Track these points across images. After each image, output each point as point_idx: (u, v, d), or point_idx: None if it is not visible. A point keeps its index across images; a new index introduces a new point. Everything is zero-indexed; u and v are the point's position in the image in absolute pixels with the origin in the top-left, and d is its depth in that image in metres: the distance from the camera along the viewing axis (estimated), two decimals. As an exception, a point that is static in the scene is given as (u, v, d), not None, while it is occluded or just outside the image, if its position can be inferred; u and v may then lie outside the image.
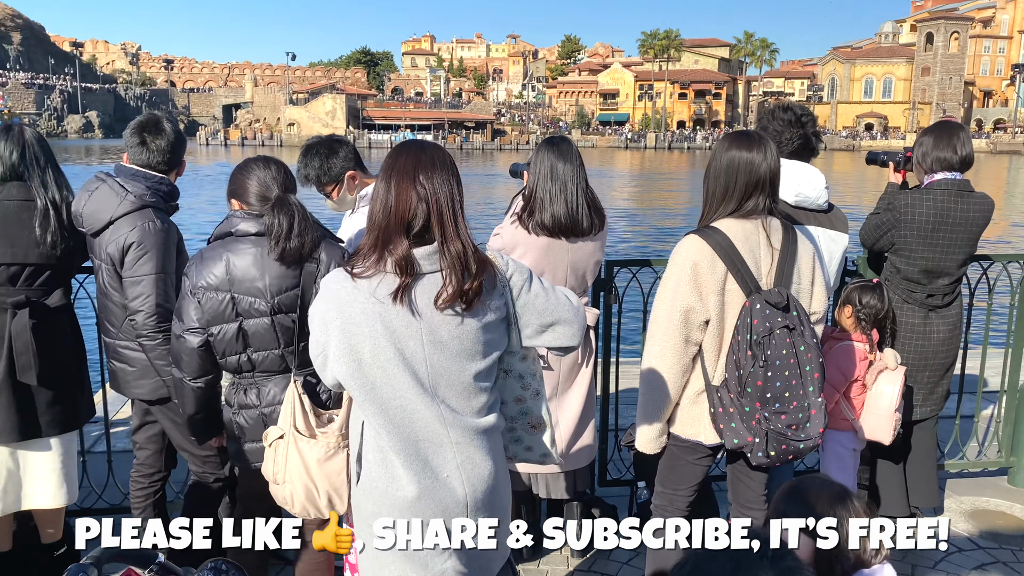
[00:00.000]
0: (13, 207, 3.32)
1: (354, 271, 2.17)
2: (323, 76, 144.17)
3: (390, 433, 2.18)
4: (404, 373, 2.15)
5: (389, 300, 2.13)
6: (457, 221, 2.17)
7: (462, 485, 2.21)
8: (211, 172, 43.64)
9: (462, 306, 2.15)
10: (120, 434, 5.26)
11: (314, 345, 2.26)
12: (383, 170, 2.23)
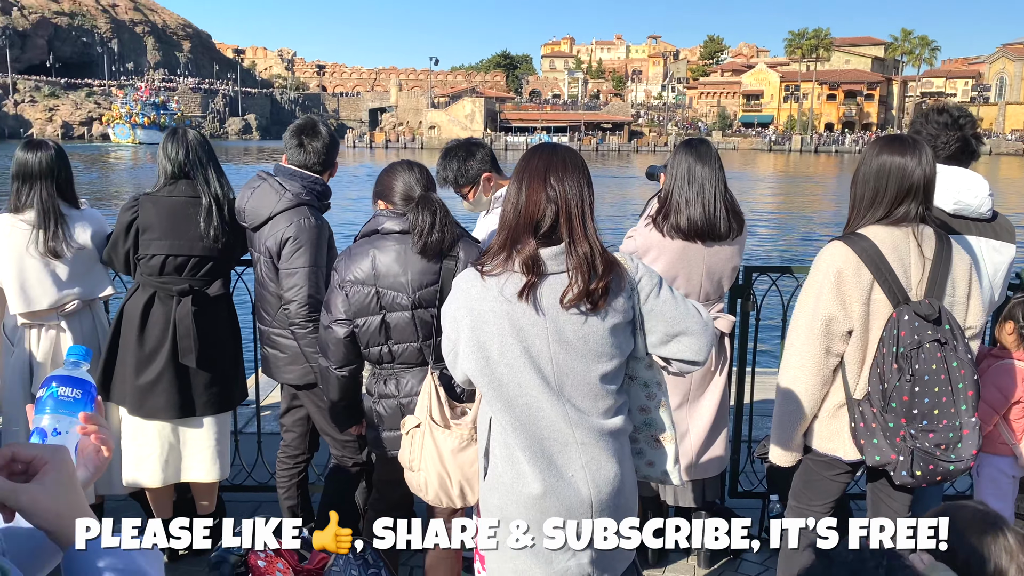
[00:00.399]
0: (181, 203, 3.63)
1: (483, 269, 2.23)
2: (464, 80, 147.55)
3: (516, 430, 2.22)
4: (530, 371, 2.19)
5: (516, 298, 2.17)
6: (585, 222, 2.20)
7: (587, 485, 2.22)
8: (357, 173, 45.59)
9: (587, 306, 2.17)
10: (269, 417, 5.60)
11: (445, 341, 2.35)
12: (516, 172, 2.29)
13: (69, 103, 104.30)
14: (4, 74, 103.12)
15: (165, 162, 3.67)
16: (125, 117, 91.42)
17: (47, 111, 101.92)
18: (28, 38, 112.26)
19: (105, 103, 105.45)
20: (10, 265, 3.68)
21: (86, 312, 3.90)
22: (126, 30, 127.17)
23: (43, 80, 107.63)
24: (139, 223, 3.64)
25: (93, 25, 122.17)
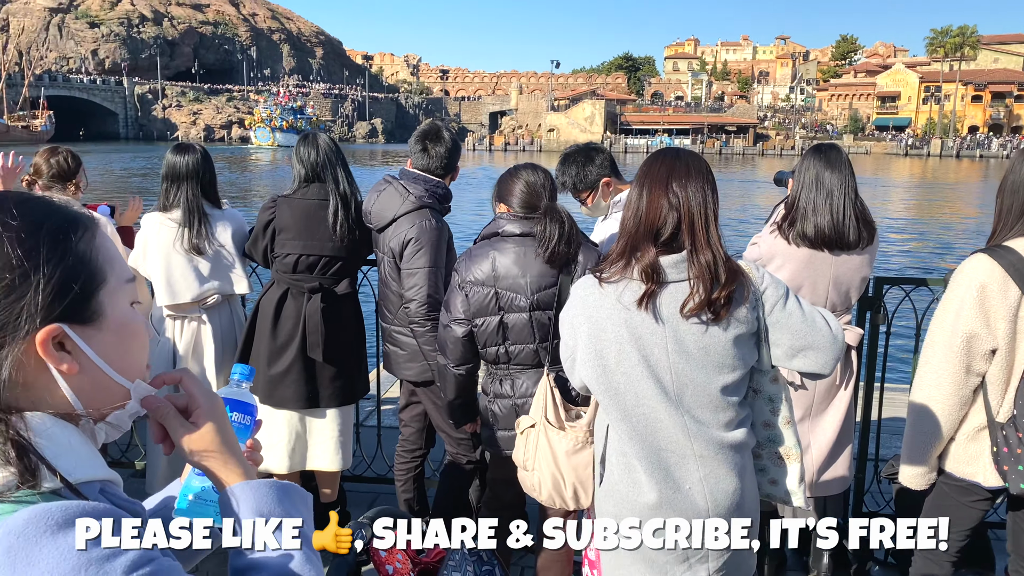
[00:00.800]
0: (314, 205, 3.80)
1: (602, 276, 2.22)
2: (584, 82, 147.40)
3: (632, 440, 2.20)
4: (648, 380, 2.16)
5: (634, 306, 2.15)
6: (708, 230, 2.15)
7: (704, 499, 2.18)
8: (475, 176, 46.42)
9: (709, 315, 2.13)
10: (389, 411, 5.78)
11: (564, 347, 2.35)
12: (637, 177, 2.26)
13: (211, 107, 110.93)
14: (155, 80, 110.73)
15: (299, 166, 3.86)
16: (266, 121, 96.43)
17: (191, 115, 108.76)
18: (176, 47, 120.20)
19: (244, 107, 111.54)
20: (158, 260, 3.96)
21: (225, 306, 4.15)
22: (264, 38, 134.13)
23: (188, 86, 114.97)
24: (275, 223, 3.84)
25: (234, 34, 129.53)
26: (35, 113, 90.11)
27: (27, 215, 1.00)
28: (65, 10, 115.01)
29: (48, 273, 0.98)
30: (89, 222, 1.07)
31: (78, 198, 4.17)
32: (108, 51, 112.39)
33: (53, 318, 0.98)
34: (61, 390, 1.00)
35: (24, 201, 1.03)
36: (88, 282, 1.02)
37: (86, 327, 1.02)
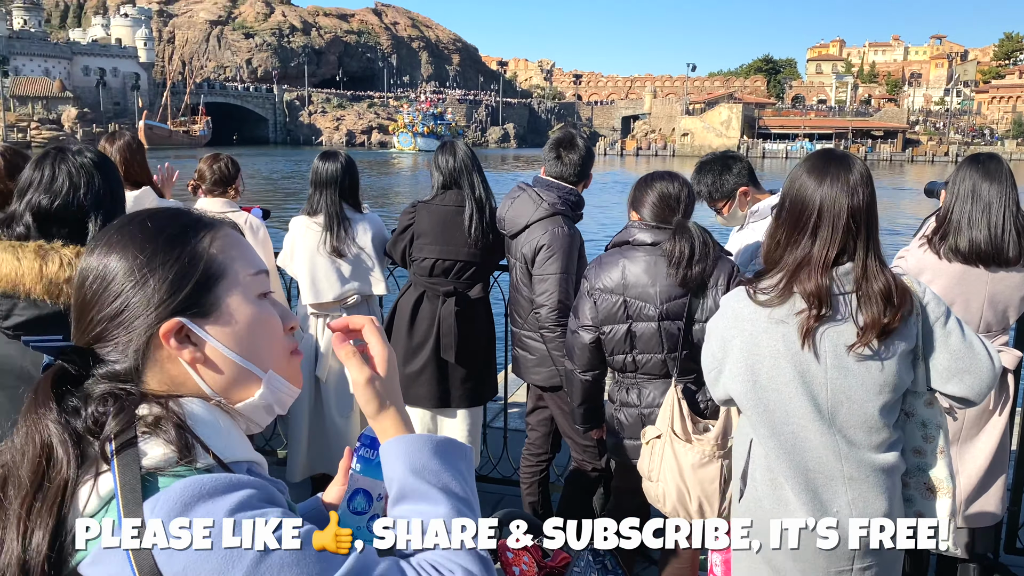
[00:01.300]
0: (451, 211, 3.92)
1: (757, 291, 2.13)
2: (721, 86, 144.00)
3: (780, 457, 2.12)
4: (801, 398, 2.08)
5: (794, 323, 2.05)
6: (877, 246, 2.04)
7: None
8: (604, 180, 46.28)
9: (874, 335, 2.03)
10: (515, 414, 5.86)
11: (709, 359, 2.28)
12: (792, 186, 2.13)
13: (353, 113, 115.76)
14: (302, 88, 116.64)
15: (437, 173, 3.99)
16: (408, 127, 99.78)
17: (335, 120, 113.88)
18: (323, 55, 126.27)
19: (383, 113, 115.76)
20: (303, 261, 4.19)
21: (364, 306, 4.34)
22: (404, 46, 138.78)
23: (333, 92, 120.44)
24: (414, 228, 3.99)
25: (376, 42, 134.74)
26: (195, 119, 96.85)
27: (152, 226, 1.13)
28: (224, 22, 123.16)
29: (163, 273, 1.10)
30: (211, 225, 1.17)
31: (237, 200, 4.46)
32: (261, 60, 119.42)
33: (173, 312, 1.09)
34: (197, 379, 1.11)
35: (154, 215, 1.16)
36: (205, 277, 1.11)
37: (207, 319, 1.11)
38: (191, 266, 1.12)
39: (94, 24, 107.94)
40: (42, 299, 1.97)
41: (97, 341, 1.11)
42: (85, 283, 1.12)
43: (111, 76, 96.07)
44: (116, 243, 1.12)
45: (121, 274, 1.10)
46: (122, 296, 1.10)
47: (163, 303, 1.09)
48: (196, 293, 1.11)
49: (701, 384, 3.07)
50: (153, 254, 1.11)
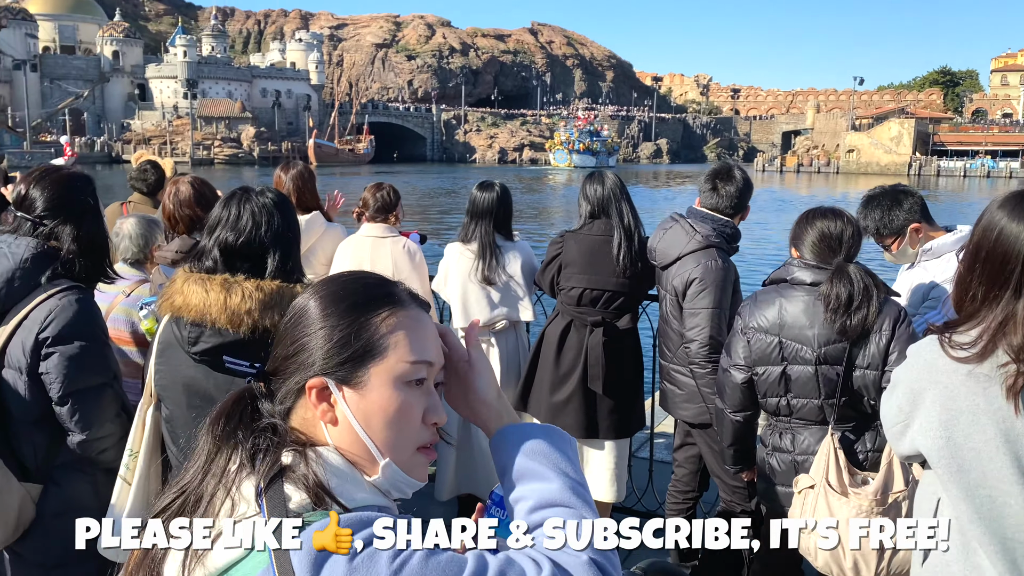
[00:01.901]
0: (599, 241, 3.94)
1: (954, 345, 1.91)
2: (891, 100, 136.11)
3: (974, 521, 1.92)
4: (1002, 458, 1.88)
5: (998, 377, 1.85)
6: None
7: None
8: (760, 198, 44.77)
9: None
10: (661, 445, 5.77)
11: (895, 411, 2.09)
12: (989, 220, 1.89)
13: (506, 131, 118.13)
14: (458, 107, 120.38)
15: (585, 203, 4.02)
16: (564, 144, 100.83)
17: (488, 139, 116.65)
18: (479, 75, 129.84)
19: (535, 130, 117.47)
20: (456, 287, 4.33)
21: (511, 331, 4.43)
22: (558, 64, 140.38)
23: (487, 111, 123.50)
24: (562, 258, 4.04)
25: (531, 61, 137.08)
26: (359, 138, 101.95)
27: (349, 288, 1.23)
28: (388, 45, 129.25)
29: (333, 334, 1.18)
30: (397, 303, 1.23)
31: (397, 226, 4.68)
32: (421, 81, 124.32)
33: (324, 371, 1.18)
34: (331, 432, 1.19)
35: (358, 279, 1.27)
36: (362, 352, 1.18)
37: (349, 387, 1.18)
38: (356, 337, 1.19)
39: (272, 49, 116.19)
40: (225, 328, 2.15)
41: (274, 373, 1.22)
42: (287, 318, 1.24)
43: (285, 97, 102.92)
44: (321, 292, 1.23)
45: (306, 321, 1.21)
46: (300, 341, 1.20)
47: (322, 359, 1.18)
48: (349, 362, 1.18)
49: (860, 433, 2.92)
50: (334, 314, 1.20)
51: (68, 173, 2.61)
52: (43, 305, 2.39)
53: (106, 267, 2.64)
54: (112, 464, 2.44)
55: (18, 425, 2.46)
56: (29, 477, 2.47)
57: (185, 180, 3.77)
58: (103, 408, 2.47)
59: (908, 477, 2.72)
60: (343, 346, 1.18)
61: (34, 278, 2.42)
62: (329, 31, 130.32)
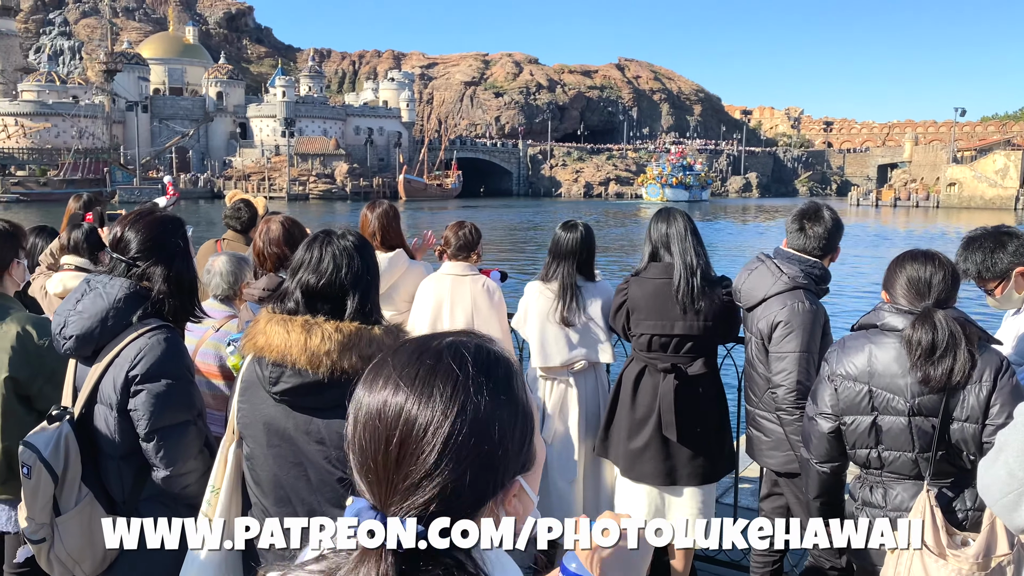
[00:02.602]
0: (660, 283, 3.83)
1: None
2: (996, 131, 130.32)
3: None
4: None
5: None
6: None
7: None
8: (854, 234, 43.40)
9: None
10: (746, 491, 5.57)
11: (1006, 479, 1.96)
12: None
13: (592, 165, 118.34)
14: (545, 142, 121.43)
15: (647, 243, 3.94)
16: (657, 178, 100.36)
17: (574, 173, 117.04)
18: (566, 111, 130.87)
19: (621, 165, 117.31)
20: (535, 326, 4.31)
21: (591, 372, 4.37)
22: (645, 98, 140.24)
23: (573, 146, 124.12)
24: (628, 304, 3.96)
25: (618, 96, 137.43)
26: (447, 173, 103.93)
27: (489, 373, 1.03)
28: (476, 83, 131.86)
29: (518, 426, 1.02)
30: (515, 363, 1.10)
31: (477, 264, 4.72)
32: (508, 117, 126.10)
33: (517, 470, 1.03)
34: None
35: (480, 351, 1.06)
36: (531, 428, 1.06)
37: (527, 475, 1.05)
38: (526, 418, 1.04)
39: (365, 88, 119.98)
40: (305, 368, 2.19)
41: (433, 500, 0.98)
42: (409, 432, 0.98)
43: (377, 134, 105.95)
44: (468, 384, 1.01)
45: (484, 423, 0.99)
46: (486, 455, 0.99)
47: (514, 460, 1.02)
48: (527, 448, 1.05)
49: (959, 490, 2.75)
50: (501, 407, 1.02)
51: (161, 217, 2.73)
52: (134, 343, 2.49)
53: (194, 307, 2.74)
54: (195, 499, 2.50)
55: (107, 460, 2.56)
56: (116, 510, 2.55)
57: (276, 219, 3.90)
58: (187, 445, 2.54)
59: (1014, 540, 2.54)
60: (526, 430, 1.04)
61: (126, 317, 2.52)
62: (420, 70, 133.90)
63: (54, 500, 2.47)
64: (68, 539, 2.47)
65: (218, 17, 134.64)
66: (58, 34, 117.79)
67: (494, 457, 0.99)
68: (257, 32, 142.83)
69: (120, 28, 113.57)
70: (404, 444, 0.97)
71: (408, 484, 0.97)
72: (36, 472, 2.40)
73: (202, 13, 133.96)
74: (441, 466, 0.96)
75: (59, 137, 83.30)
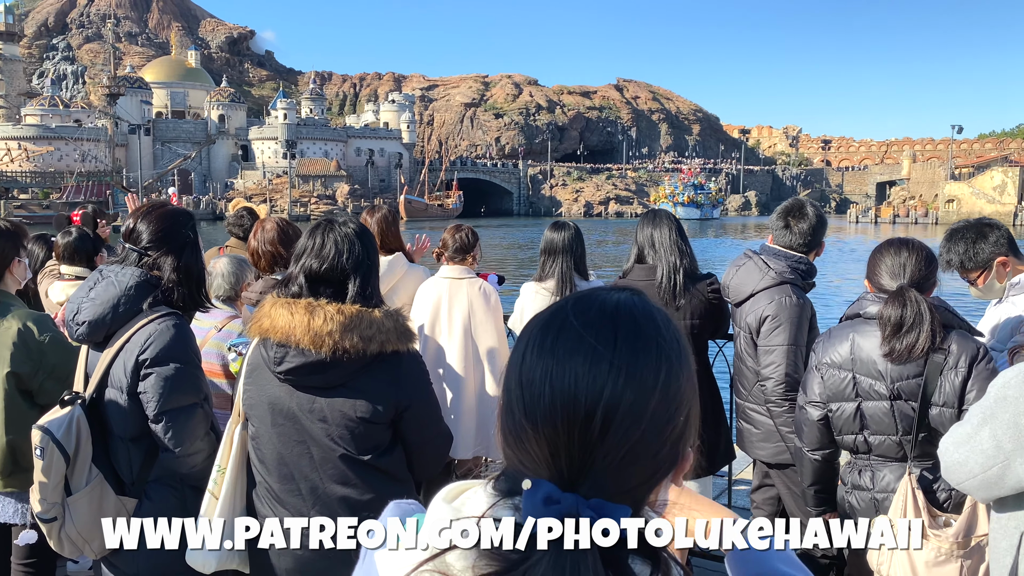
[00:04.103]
0: (645, 285, 3.90)
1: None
2: (993, 148, 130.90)
3: None
4: None
5: None
6: None
7: None
8: (854, 248, 43.52)
9: None
10: (740, 492, 5.64)
11: (996, 452, 2.03)
12: None
13: (591, 185, 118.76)
14: (545, 162, 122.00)
15: (633, 245, 4.02)
16: (669, 197, 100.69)
17: (574, 192, 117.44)
18: (565, 131, 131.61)
19: (621, 184, 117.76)
20: (532, 325, 4.40)
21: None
22: (644, 119, 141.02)
23: (573, 166, 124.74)
24: None
25: (617, 116, 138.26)
26: (448, 193, 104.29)
27: (673, 329, 0.98)
28: (477, 104, 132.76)
29: (695, 394, 0.96)
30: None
31: (474, 267, 4.82)
32: (508, 138, 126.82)
33: (693, 440, 0.97)
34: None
35: (660, 310, 1.01)
36: (697, 395, 0.99)
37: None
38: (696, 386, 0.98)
39: (366, 110, 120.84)
40: (308, 348, 2.28)
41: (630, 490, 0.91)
42: (617, 404, 0.88)
43: (378, 156, 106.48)
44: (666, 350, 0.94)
45: (681, 396, 0.93)
46: (675, 418, 0.92)
47: (693, 429, 0.96)
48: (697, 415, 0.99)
49: (940, 472, 2.82)
50: (688, 371, 0.96)
51: (172, 209, 2.84)
52: (144, 329, 2.59)
53: (202, 297, 2.84)
54: (200, 480, 2.58)
55: (117, 442, 2.65)
56: (125, 491, 2.64)
57: (272, 220, 3.99)
58: (194, 426, 2.63)
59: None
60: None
61: (137, 304, 2.62)
62: (421, 92, 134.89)
63: (65, 481, 2.55)
64: (78, 518, 2.56)
65: (220, 41, 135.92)
66: (61, 59, 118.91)
67: (687, 429, 0.94)
68: (258, 56, 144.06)
69: (123, 53, 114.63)
70: (610, 416, 0.87)
71: (610, 461, 0.87)
72: (49, 453, 2.49)
73: (204, 37, 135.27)
74: (645, 440, 0.89)
75: (62, 160, 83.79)
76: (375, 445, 2.36)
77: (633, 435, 0.88)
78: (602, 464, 0.87)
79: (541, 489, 0.86)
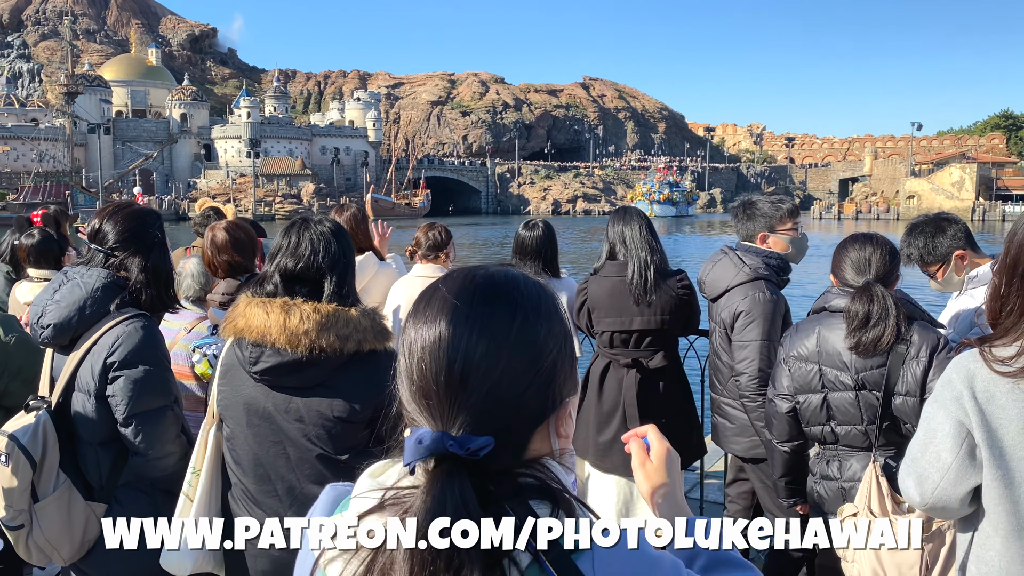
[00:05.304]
0: (616, 281, 3.93)
1: (993, 356, 1.86)
2: (952, 145, 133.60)
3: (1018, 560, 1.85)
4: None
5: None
6: None
7: None
8: (816, 245, 44.11)
9: None
10: (712, 486, 5.70)
11: (925, 439, 2.02)
12: (1018, 243, 1.91)
13: (559, 183, 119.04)
14: (512, 160, 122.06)
15: (605, 242, 4.03)
16: (645, 195, 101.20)
17: (542, 191, 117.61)
18: (532, 129, 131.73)
19: (588, 183, 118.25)
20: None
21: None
22: (610, 117, 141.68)
23: (541, 164, 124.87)
24: (588, 303, 4.05)
25: (584, 114, 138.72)
26: (415, 192, 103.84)
27: (535, 292, 1.08)
28: (443, 102, 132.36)
29: (567, 348, 1.07)
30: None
31: (448, 265, 4.81)
32: (475, 136, 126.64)
33: (569, 392, 1.08)
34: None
35: (526, 276, 1.11)
36: (573, 352, 1.12)
37: (572, 398, 1.10)
38: (572, 344, 1.09)
39: (331, 108, 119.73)
40: (284, 348, 2.26)
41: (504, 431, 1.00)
42: (474, 352, 1.00)
43: (344, 154, 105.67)
44: (533, 312, 1.05)
45: (539, 346, 1.04)
46: (545, 369, 1.03)
47: (566, 381, 1.07)
48: (574, 370, 1.11)
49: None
50: (562, 325, 1.08)
51: (138, 209, 2.79)
52: (111, 331, 2.55)
53: (170, 297, 2.80)
54: (172, 484, 2.55)
55: (85, 446, 2.60)
56: (94, 496, 2.60)
57: (220, 226, 3.86)
58: (164, 429, 2.60)
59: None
60: (572, 354, 1.09)
61: (104, 306, 2.58)
62: (386, 90, 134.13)
63: (32, 487, 2.51)
64: (46, 525, 2.51)
65: (181, 39, 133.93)
66: (16, 56, 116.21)
67: (553, 376, 1.04)
68: (221, 54, 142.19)
69: (81, 50, 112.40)
70: (468, 363, 1.00)
71: (474, 401, 0.99)
72: (15, 459, 2.45)
73: (165, 35, 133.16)
74: (504, 384, 1.00)
75: (18, 161, 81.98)
76: (352, 445, 2.35)
77: (490, 378, 0.99)
78: (466, 406, 0.99)
79: (415, 435, 0.97)
